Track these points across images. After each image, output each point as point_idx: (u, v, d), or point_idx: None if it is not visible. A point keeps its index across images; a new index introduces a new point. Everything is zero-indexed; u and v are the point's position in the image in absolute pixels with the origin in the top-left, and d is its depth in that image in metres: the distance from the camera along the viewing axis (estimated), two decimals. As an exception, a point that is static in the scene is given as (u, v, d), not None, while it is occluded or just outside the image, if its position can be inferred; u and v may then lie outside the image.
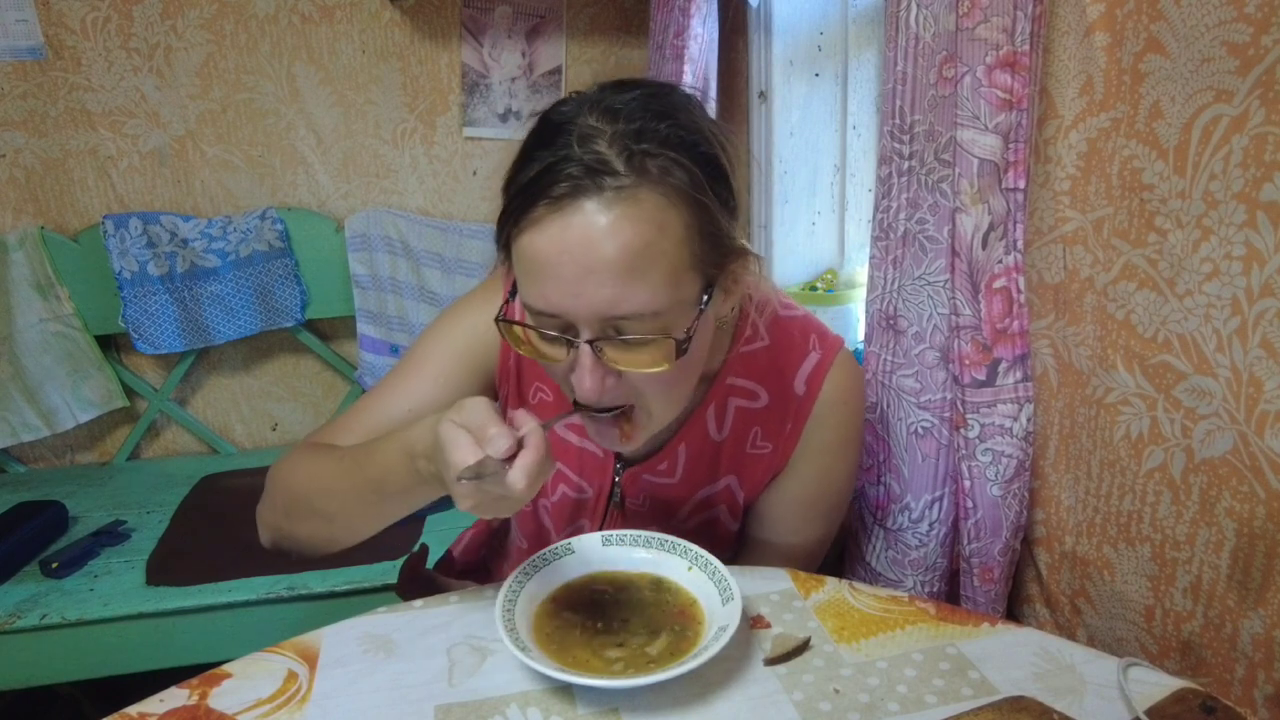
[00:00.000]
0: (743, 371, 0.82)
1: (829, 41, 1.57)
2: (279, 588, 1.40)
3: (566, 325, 0.65)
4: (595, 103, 0.64)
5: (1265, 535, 0.65)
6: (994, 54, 0.74)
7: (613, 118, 0.62)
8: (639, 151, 0.61)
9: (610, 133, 0.62)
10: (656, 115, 0.63)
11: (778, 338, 0.82)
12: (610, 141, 0.61)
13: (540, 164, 0.62)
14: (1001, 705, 0.63)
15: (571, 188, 0.60)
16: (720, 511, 0.87)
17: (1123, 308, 0.75)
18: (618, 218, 0.60)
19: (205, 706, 0.64)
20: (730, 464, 0.85)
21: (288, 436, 2.04)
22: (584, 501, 0.88)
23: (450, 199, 1.93)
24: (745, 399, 0.82)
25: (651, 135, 0.62)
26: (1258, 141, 0.60)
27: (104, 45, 1.70)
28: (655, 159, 0.61)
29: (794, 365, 0.82)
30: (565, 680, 0.63)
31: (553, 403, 0.84)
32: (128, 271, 1.74)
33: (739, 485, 0.86)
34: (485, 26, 1.83)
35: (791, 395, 0.82)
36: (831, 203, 1.66)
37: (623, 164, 0.60)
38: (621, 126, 0.62)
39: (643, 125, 0.62)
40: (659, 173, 0.61)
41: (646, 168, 0.61)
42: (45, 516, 1.55)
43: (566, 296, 0.62)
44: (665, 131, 0.62)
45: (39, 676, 1.40)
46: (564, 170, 0.60)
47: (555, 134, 0.63)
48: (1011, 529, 0.86)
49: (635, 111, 0.63)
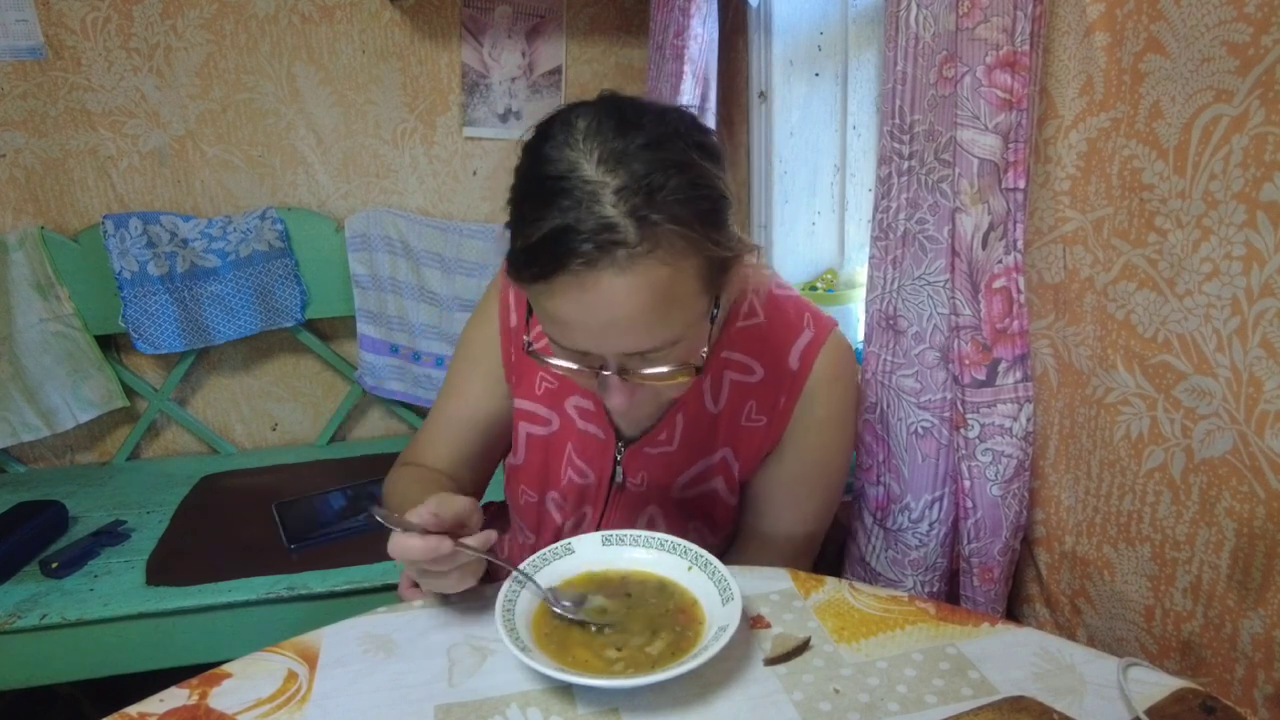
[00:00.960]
0: (738, 346, 0.85)
1: (829, 41, 1.57)
2: (279, 588, 1.40)
3: (591, 361, 0.69)
4: (592, 150, 0.63)
5: (1265, 535, 0.65)
6: (994, 54, 0.74)
7: (613, 168, 0.62)
8: (650, 220, 0.61)
9: (614, 188, 0.61)
10: (662, 167, 0.62)
11: (773, 315, 0.85)
12: (616, 201, 0.61)
13: (546, 226, 0.62)
14: (1001, 705, 0.63)
15: (586, 262, 0.61)
16: (718, 484, 0.89)
17: (1123, 308, 0.75)
18: (635, 281, 0.62)
19: (205, 706, 0.64)
20: (726, 436, 0.87)
21: (287, 436, 2.04)
22: (588, 486, 0.91)
23: (450, 199, 1.93)
24: (740, 373, 0.85)
25: (660, 197, 0.62)
26: (1258, 141, 0.60)
27: (104, 45, 1.70)
28: (666, 222, 0.62)
29: (789, 341, 0.85)
30: (565, 680, 0.63)
31: (557, 389, 0.90)
32: (128, 271, 1.74)
33: (734, 457, 0.88)
34: (485, 26, 1.83)
35: (786, 370, 0.85)
36: (831, 203, 1.66)
37: (634, 231, 0.61)
38: (625, 182, 0.61)
39: (650, 184, 0.62)
40: (671, 232, 0.62)
41: (658, 232, 0.62)
42: (45, 516, 1.55)
43: (590, 344, 0.67)
44: (673, 188, 0.62)
45: (39, 676, 1.40)
46: (575, 243, 0.61)
47: (556, 191, 0.62)
48: (1011, 529, 0.86)
49: (639, 167, 0.62)
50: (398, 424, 2.07)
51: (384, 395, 1.94)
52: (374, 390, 1.92)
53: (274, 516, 1.61)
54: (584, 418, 0.89)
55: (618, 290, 0.62)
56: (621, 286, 0.62)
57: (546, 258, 0.62)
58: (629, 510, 0.92)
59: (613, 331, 0.65)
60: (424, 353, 1.91)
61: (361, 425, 2.07)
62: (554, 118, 0.68)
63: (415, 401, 1.94)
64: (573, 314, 0.65)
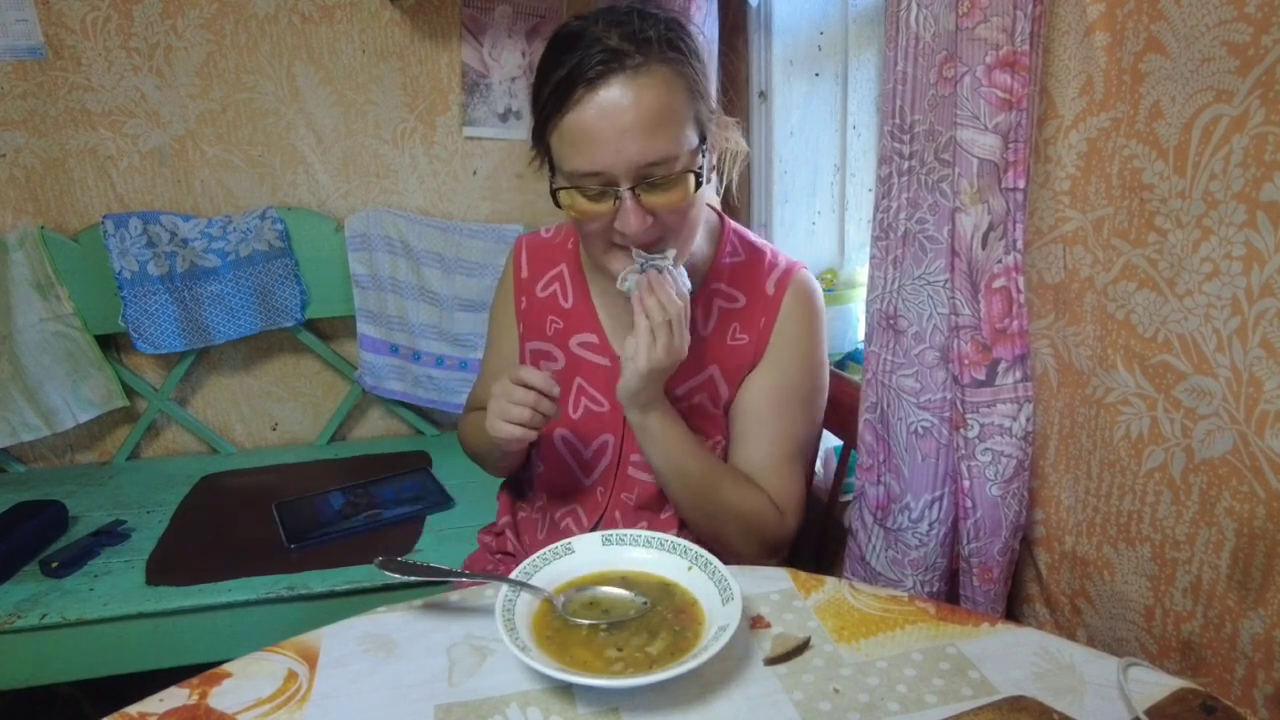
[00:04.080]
0: (725, 278, 1.00)
1: (829, 41, 1.57)
2: (279, 588, 1.40)
3: (608, 181, 0.82)
4: (599, 16, 0.83)
5: (1265, 535, 0.65)
6: (993, 54, 0.74)
7: (617, 22, 0.81)
8: (645, 39, 0.80)
9: (619, 31, 0.81)
10: (651, 17, 0.83)
11: (750, 254, 1.02)
12: (621, 37, 0.80)
13: (569, 63, 0.80)
14: (1001, 705, 0.63)
15: (601, 70, 0.79)
16: (704, 399, 1.01)
17: (1123, 308, 0.75)
18: (639, 87, 0.79)
19: (205, 706, 0.64)
20: (714, 355, 1.00)
21: (287, 436, 2.04)
22: (604, 414, 1.03)
23: (450, 199, 1.93)
24: (726, 301, 1.00)
25: (655, 34, 0.81)
26: (1258, 141, 0.60)
27: (104, 45, 1.70)
28: (657, 44, 0.81)
29: (765, 273, 1.00)
30: (565, 680, 0.63)
31: (563, 328, 1.05)
32: (128, 271, 1.74)
33: (721, 375, 1.00)
34: (485, 26, 1.83)
35: (764, 295, 0.99)
36: (831, 203, 1.66)
37: (635, 49, 0.80)
38: (626, 26, 0.81)
39: (644, 26, 0.81)
40: (661, 52, 0.81)
41: (652, 50, 0.80)
42: (45, 516, 1.55)
43: (608, 154, 0.80)
44: (662, 23, 0.82)
45: (39, 676, 1.40)
46: (592, 60, 0.79)
47: (574, 40, 0.81)
48: (1011, 529, 0.86)
49: (634, 15, 0.82)
50: (398, 424, 2.07)
51: (384, 395, 1.94)
52: (374, 390, 1.92)
53: (274, 516, 1.61)
54: (590, 351, 1.03)
55: (627, 95, 0.79)
56: (630, 91, 0.79)
57: (567, 85, 0.80)
58: None
59: (625, 139, 0.79)
60: (424, 352, 1.91)
61: (361, 425, 2.07)
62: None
63: (415, 401, 1.94)
64: (591, 125, 0.79)
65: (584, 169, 0.82)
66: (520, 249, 1.10)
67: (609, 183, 0.82)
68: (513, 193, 1.93)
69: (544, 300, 1.06)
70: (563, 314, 1.05)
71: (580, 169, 0.82)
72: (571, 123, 0.81)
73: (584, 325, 1.04)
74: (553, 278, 1.07)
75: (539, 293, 1.07)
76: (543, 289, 1.07)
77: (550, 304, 1.06)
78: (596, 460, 1.04)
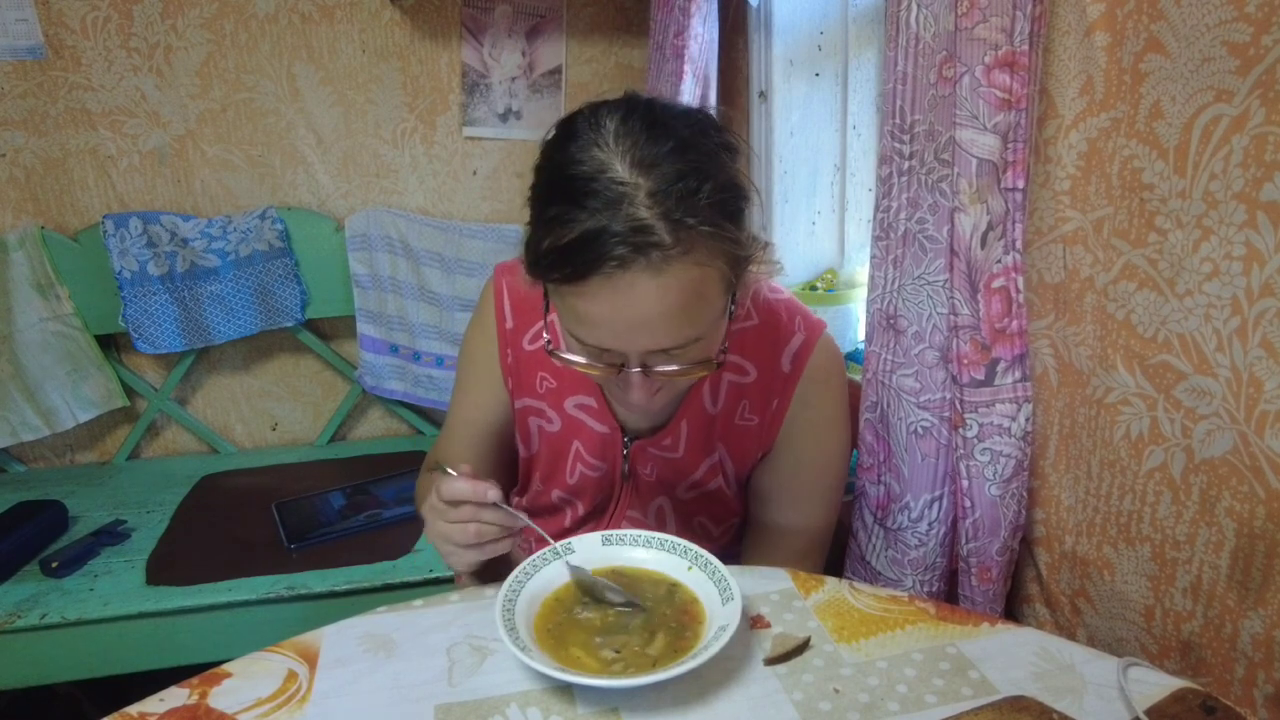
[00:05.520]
0: (735, 348, 0.86)
1: (829, 41, 1.57)
2: (279, 588, 1.40)
3: (615, 358, 0.70)
4: (624, 151, 0.64)
5: (1265, 535, 0.65)
6: (993, 54, 0.74)
7: (646, 170, 0.63)
8: (685, 223, 0.63)
9: (648, 190, 0.62)
10: (695, 170, 0.64)
11: (766, 318, 0.88)
12: (650, 204, 0.62)
13: (578, 228, 0.62)
14: (1001, 705, 0.63)
15: (619, 263, 0.62)
16: (718, 483, 0.93)
17: (1123, 308, 0.75)
18: (667, 282, 0.63)
19: (205, 706, 0.64)
20: (722, 434, 0.90)
21: (287, 436, 2.04)
22: (601, 478, 0.94)
23: (450, 199, 1.93)
24: (736, 374, 0.88)
25: (694, 200, 0.63)
26: (1258, 141, 0.60)
27: (104, 45, 1.70)
28: (699, 225, 0.63)
29: (781, 344, 0.87)
30: (565, 680, 0.63)
31: (557, 388, 0.92)
32: (128, 271, 1.74)
33: (728, 456, 0.91)
34: (485, 26, 1.83)
35: (778, 372, 0.87)
36: (831, 203, 1.66)
37: (668, 234, 0.62)
38: (658, 184, 0.63)
39: (685, 188, 0.63)
40: (703, 234, 0.64)
41: (692, 234, 0.63)
42: (45, 516, 1.55)
43: (616, 342, 0.68)
44: (706, 192, 0.64)
45: (39, 676, 1.40)
46: (609, 245, 0.62)
47: (587, 192, 0.63)
48: (1010, 529, 0.86)
49: (671, 169, 0.63)
50: (398, 424, 2.07)
51: (384, 395, 1.94)
52: (374, 390, 1.92)
53: (274, 516, 1.61)
54: (587, 414, 0.91)
55: (650, 291, 0.63)
56: (654, 288, 0.63)
57: (579, 259, 0.63)
58: (641, 500, 0.95)
59: (641, 330, 0.66)
60: (424, 352, 1.91)
61: (361, 425, 2.07)
62: (578, 116, 0.69)
63: (415, 401, 1.94)
64: (603, 313, 0.66)
65: (585, 342, 0.70)
66: (501, 292, 0.92)
67: (613, 359, 0.71)
68: (513, 193, 1.93)
69: (532, 354, 0.91)
70: (556, 373, 0.91)
71: (581, 339, 0.70)
72: (575, 304, 0.67)
73: (580, 387, 0.91)
74: (540, 330, 0.90)
75: (526, 345, 0.91)
76: (530, 342, 0.91)
77: (540, 359, 0.91)
78: (593, 515, 0.98)
